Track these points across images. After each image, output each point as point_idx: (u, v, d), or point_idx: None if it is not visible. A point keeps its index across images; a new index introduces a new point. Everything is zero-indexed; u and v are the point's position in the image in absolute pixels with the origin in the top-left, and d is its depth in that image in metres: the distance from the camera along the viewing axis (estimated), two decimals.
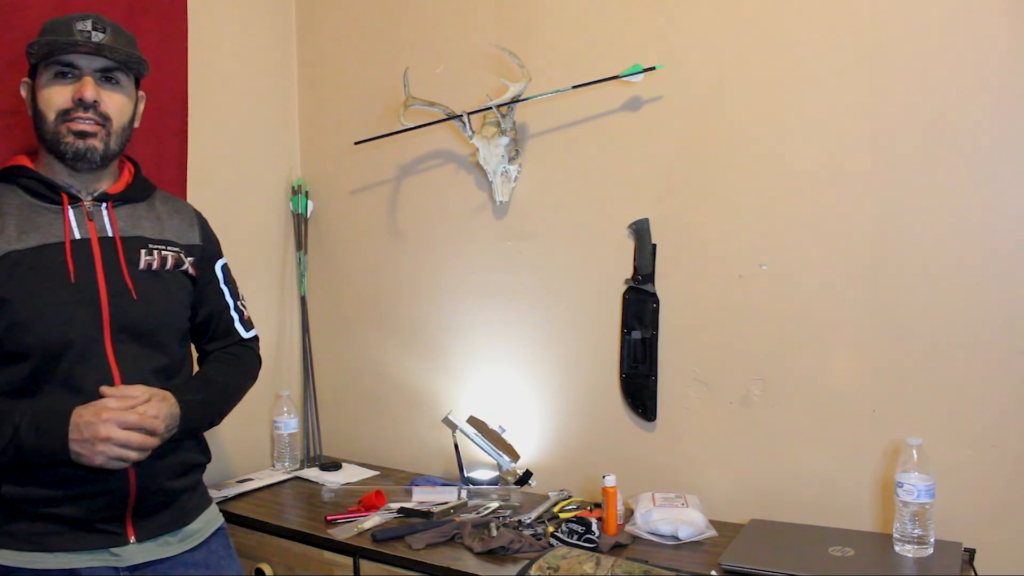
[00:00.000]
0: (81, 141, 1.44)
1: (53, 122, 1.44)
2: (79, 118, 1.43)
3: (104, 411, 1.34)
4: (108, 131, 1.47)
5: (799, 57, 1.81)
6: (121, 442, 1.33)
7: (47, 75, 1.45)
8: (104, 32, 1.45)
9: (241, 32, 2.47)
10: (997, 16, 1.62)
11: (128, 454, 1.34)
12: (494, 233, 2.26)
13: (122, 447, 1.33)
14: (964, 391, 1.68)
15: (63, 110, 1.43)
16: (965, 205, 1.67)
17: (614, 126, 2.05)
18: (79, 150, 1.44)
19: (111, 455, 1.33)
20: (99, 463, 1.33)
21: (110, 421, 1.33)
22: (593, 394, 2.12)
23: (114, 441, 1.32)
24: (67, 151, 1.44)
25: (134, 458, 1.36)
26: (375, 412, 2.53)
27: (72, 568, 1.40)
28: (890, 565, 1.56)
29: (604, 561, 1.59)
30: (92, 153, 1.45)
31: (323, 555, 1.90)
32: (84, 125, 1.44)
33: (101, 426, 1.32)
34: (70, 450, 1.33)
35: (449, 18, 2.31)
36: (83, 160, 1.46)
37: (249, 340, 1.73)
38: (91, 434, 1.32)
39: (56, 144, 1.45)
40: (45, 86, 1.45)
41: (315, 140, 2.62)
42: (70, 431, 1.32)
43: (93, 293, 1.44)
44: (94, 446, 1.32)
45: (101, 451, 1.32)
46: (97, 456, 1.32)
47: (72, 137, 1.44)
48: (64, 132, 1.44)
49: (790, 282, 1.85)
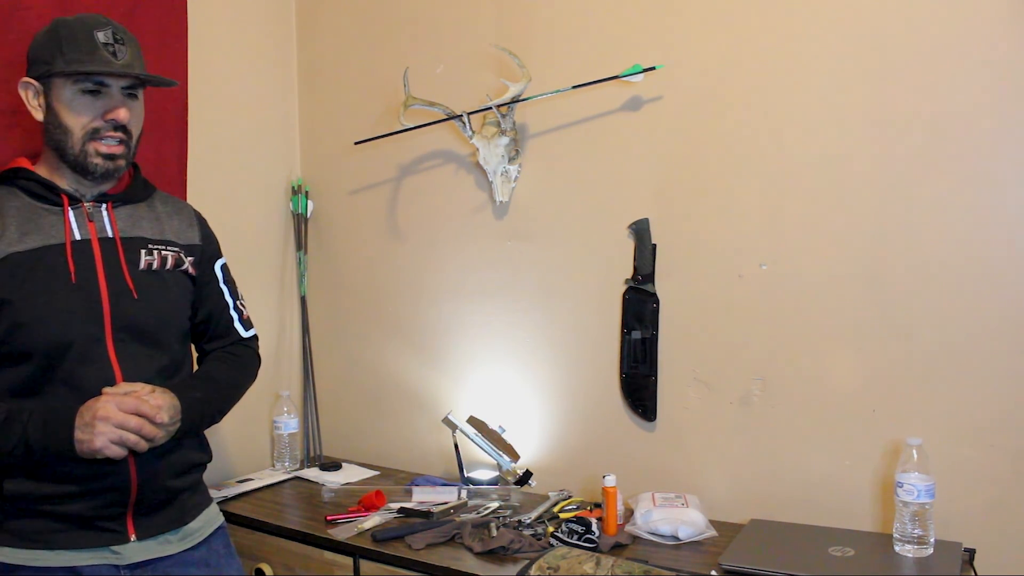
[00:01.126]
0: (111, 163, 1.47)
1: (80, 139, 1.45)
2: (109, 138, 1.46)
3: (103, 395, 1.36)
4: (129, 147, 1.50)
5: (799, 57, 1.81)
6: (118, 422, 1.33)
7: (72, 89, 1.43)
8: (124, 44, 1.45)
9: (241, 32, 2.47)
10: (997, 16, 1.62)
11: (126, 436, 1.34)
12: (494, 233, 2.26)
13: (120, 428, 1.33)
14: (964, 391, 1.68)
15: (93, 129, 1.45)
16: (965, 205, 1.67)
17: (614, 126, 2.05)
18: (108, 170, 1.48)
19: (110, 437, 1.33)
20: (99, 445, 1.33)
21: (109, 402, 1.34)
22: (593, 394, 2.12)
23: (112, 421, 1.33)
24: (97, 170, 1.47)
25: (132, 442, 1.35)
26: (375, 412, 2.53)
27: (73, 566, 1.40)
28: (890, 565, 1.57)
29: (604, 561, 1.59)
30: (118, 172, 1.51)
31: (323, 555, 1.90)
32: (113, 147, 1.47)
33: (99, 407, 1.33)
34: (76, 443, 1.34)
35: (449, 18, 2.31)
36: (110, 179, 1.51)
37: (248, 339, 1.74)
38: (90, 416, 1.33)
39: (83, 162, 1.46)
40: (71, 101, 1.44)
41: (315, 140, 2.62)
42: (75, 421, 1.34)
43: (94, 293, 1.45)
44: (93, 428, 1.32)
45: (100, 432, 1.32)
46: (97, 438, 1.32)
47: (101, 159, 1.46)
48: (92, 152, 1.46)
49: (790, 282, 1.85)
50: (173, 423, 1.43)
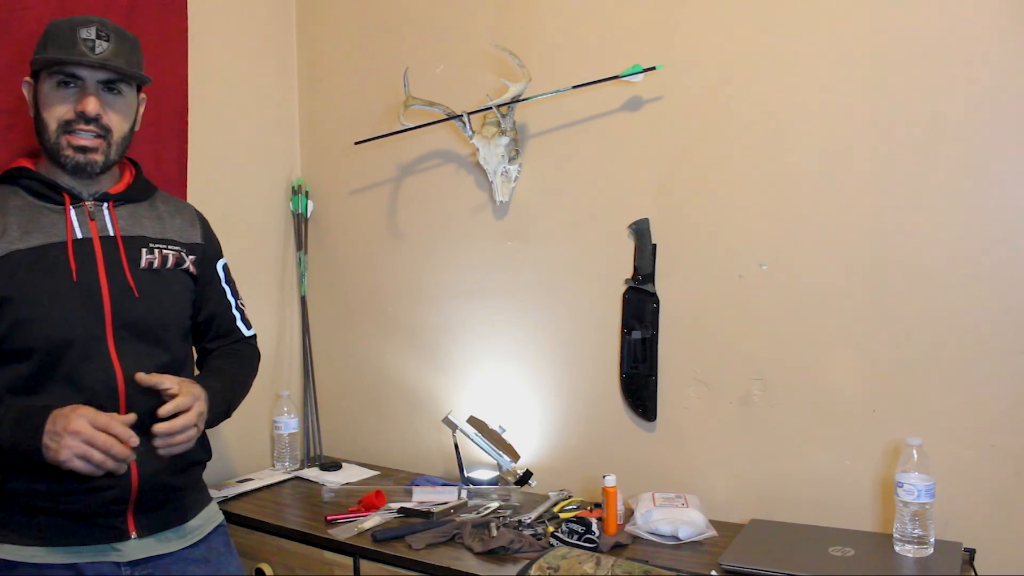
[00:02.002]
0: (82, 155, 1.46)
1: (54, 132, 1.45)
2: (81, 131, 1.45)
3: (79, 407, 1.31)
4: (109, 143, 1.48)
5: (799, 57, 1.81)
6: (86, 438, 1.27)
7: (49, 83, 1.45)
8: (107, 40, 1.44)
9: (241, 32, 2.47)
10: (997, 16, 1.62)
11: (92, 453, 1.28)
12: (494, 233, 2.26)
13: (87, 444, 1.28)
14: (964, 391, 1.68)
15: (65, 121, 1.44)
16: (965, 205, 1.67)
17: (614, 126, 2.05)
18: (79, 163, 1.46)
19: (77, 451, 1.27)
20: (63, 457, 1.28)
21: (82, 416, 1.29)
22: (593, 394, 2.12)
23: (81, 436, 1.27)
24: (67, 163, 1.46)
25: (97, 460, 1.29)
26: (375, 412, 2.53)
27: (73, 563, 1.41)
28: (890, 565, 1.56)
29: (604, 561, 1.59)
30: (92, 166, 1.48)
31: (323, 555, 1.90)
32: (85, 140, 1.45)
33: (73, 419, 1.28)
34: (42, 447, 1.29)
35: (449, 18, 2.31)
36: (82, 172, 1.48)
37: (249, 337, 1.76)
38: (62, 426, 1.28)
39: (56, 155, 1.46)
40: (47, 94, 1.45)
41: (315, 140, 2.62)
42: (45, 426, 1.29)
43: (95, 291, 1.45)
44: (61, 439, 1.28)
45: (67, 445, 1.27)
46: (63, 450, 1.27)
47: (72, 151, 1.45)
48: (64, 144, 1.45)
49: (790, 282, 1.85)
50: (201, 418, 1.43)
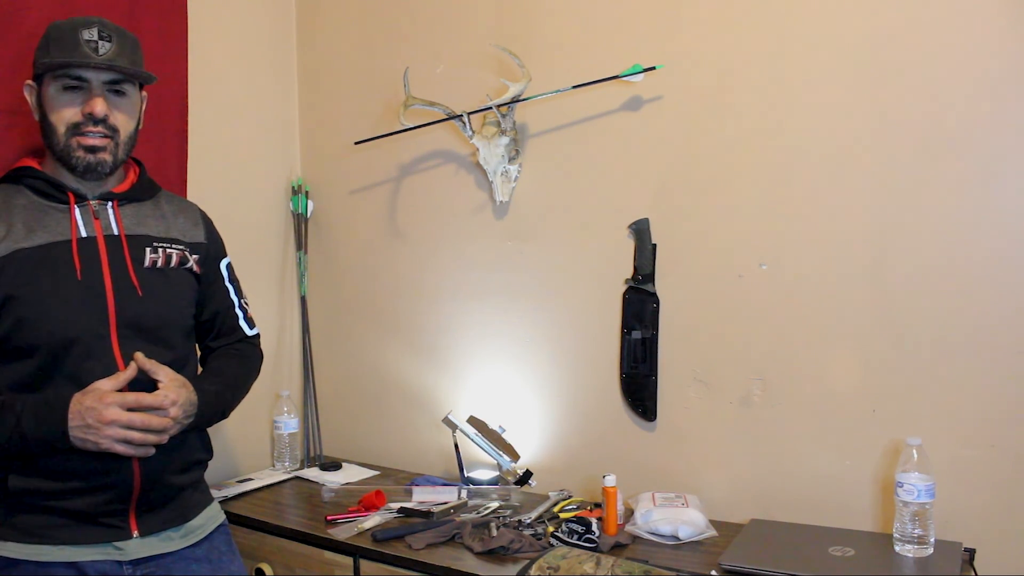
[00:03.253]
0: (92, 155, 1.47)
1: (64, 135, 1.46)
2: (90, 132, 1.46)
3: (106, 396, 1.36)
4: (117, 142, 1.50)
5: (799, 57, 1.81)
6: (124, 423, 1.35)
7: (55, 86, 1.45)
8: (110, 40, 1.45)
9: (241, 32, 2.47)
10: (997, 16, 1.62)
11: (131, 435, 1.36)
12: (494, 233, 2.26)
13: (126, 428, 1.36)
14: (964, 391, 1.68)
15: (73, 123, 1.45)
16: (965, 205, 1.67)
17: (614, 126, 2.05)
18: (90, 163, 1.48)
19: (117, 437, 1.35)
20: (105, 447, 1.36)
21: (112, 404, 1.35)
22: (593, 394, 2.12)
23: (119, 423, 1.35)
24: (78, 164, 1.47)
25: (137, 439, 1.37)
26: (375, 412, 2.53)
27: (75, 561, 1.41)
28: (890, 565, 1.57)
29: (604, 561, 1.59)
30: (103, 166, 1.49)
31: (323, 555, 1.90)
32: (94, 140, 1.47)
33: (105, 410, 1.35)
34: (71, 436, 1.35)
35: (449, 18, 2.31)
36: (93, 172, 1.50)
37: (252, 337, 1.76)
38: (96, 419, 1.34)
39: (67, 157, 1.47)
40: (54, 97, 1.46)
41: (315, 140, 2.62)
42: (70, 418, 1.35)
43: (99, 290, 1.46)
44: (100, 431, 1.34)
45: (108, 435, 1.35)
46: (104, 440, 1.35)
47: (83, 152, 1.46)
48: (75, 146, 1.46)
49: (790, 282, 1.85)
50: (187, 418, 1.45)
